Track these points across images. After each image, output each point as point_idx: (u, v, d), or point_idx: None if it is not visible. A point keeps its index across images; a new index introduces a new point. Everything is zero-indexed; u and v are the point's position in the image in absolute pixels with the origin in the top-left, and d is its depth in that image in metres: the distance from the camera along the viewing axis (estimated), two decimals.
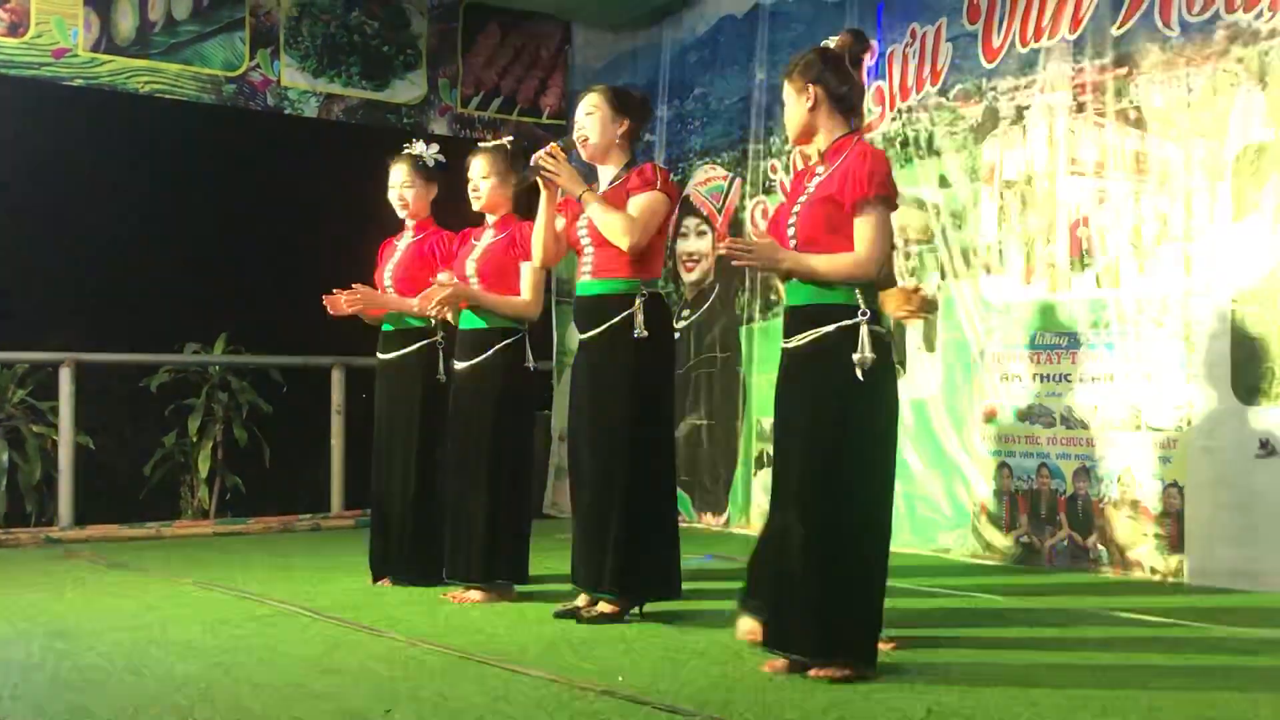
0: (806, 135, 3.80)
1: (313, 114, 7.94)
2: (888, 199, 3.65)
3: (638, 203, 4.45)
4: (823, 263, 3.59)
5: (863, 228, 3.59)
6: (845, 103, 3.76)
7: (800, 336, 3.63)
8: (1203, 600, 4.93)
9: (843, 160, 3.66)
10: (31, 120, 7.35)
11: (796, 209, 3.71)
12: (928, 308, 4.45)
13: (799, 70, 3.77)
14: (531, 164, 4.57)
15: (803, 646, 3.55)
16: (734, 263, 3.73)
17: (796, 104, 3.77)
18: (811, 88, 3.74)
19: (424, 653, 3.95)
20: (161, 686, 3.50)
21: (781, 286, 3.84)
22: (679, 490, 7.49)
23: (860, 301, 3.58)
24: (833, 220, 3.61)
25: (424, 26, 8.31)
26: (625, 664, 3.78)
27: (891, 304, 4.10)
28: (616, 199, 4.48)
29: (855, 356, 3.51)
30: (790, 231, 3.69)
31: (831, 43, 3.81)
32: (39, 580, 5.48)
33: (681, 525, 4.76)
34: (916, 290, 4.34)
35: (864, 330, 3.55)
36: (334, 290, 5.34)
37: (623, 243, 4.41)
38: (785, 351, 3.72)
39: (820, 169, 3.73)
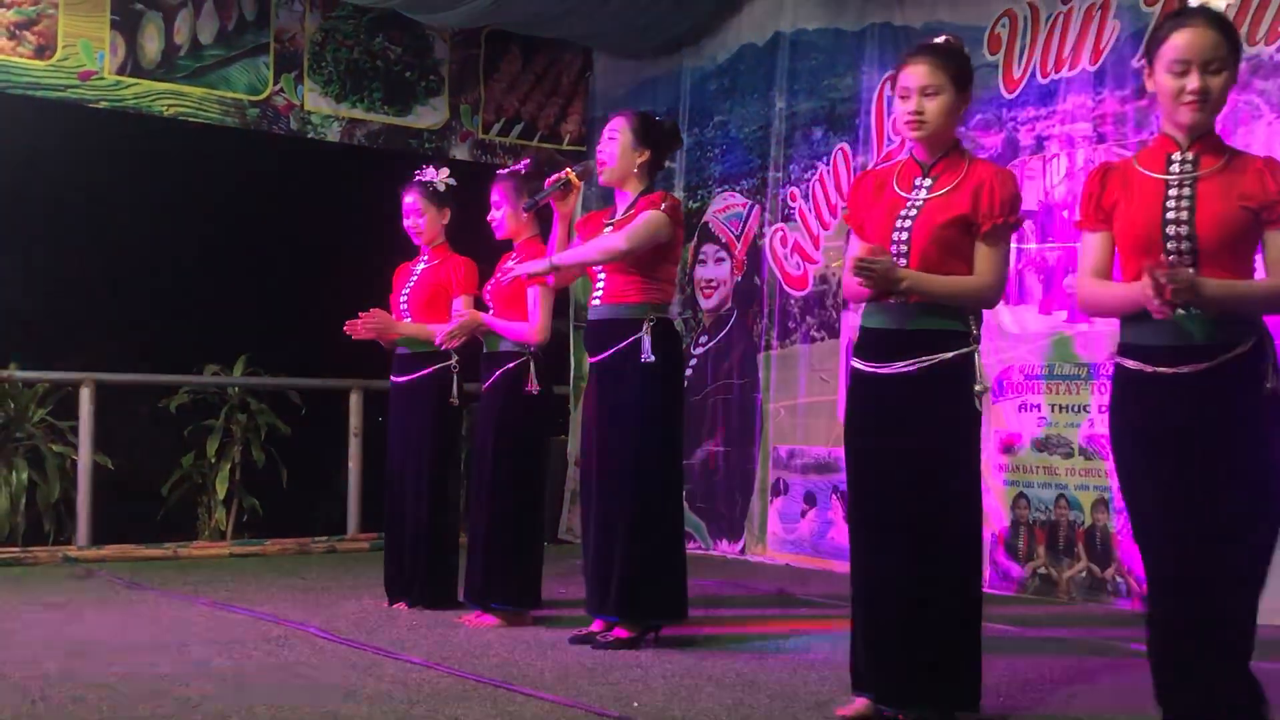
0: (944, 141, 3.47)
1: (335, 139, 7.99)
2: (1018, 225, 3.50)
3: (635, 220, 4.48)
4: (947, 286, 3.36)
5: (993, 254, 3.40)
6: (959, 116, 3.50)
7: (908, 361, 3.34)
8: None
9: (965, 177, 3.41)
10: (57, 142, 7.42)
11: (907, 223, 3.40)
12: None
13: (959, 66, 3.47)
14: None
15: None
16: (858, 279, 3.30)
17: (955, 104, 3.43)
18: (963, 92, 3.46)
19: (439, 676, 3.96)
20: (178, 707, 3.51)
21: (856, 306, 3.64)
22: (694, 517, 7.51)
23: (973, 328, 3.41)
24: (956, 242, 3.39)
25: (446, 52, 8.36)
26: (640, 689, 3.78)
27: None
28: (624, 227, 4.51)
29: (976, 387, 3.35)
30: (903, 249, 3.38)
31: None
32: (57, 599, 5.50)
33: (697, 552, 4.76)
34: None
35: (978, 358, 3.40)
36: (357, 314, 5.37)
37: (614, 256, 4.45)
38: (876, 378, 3.39)
39: (926, 181, 3.45)
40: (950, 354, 3.34)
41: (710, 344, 7.84)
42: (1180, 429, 2.96)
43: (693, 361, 7.81)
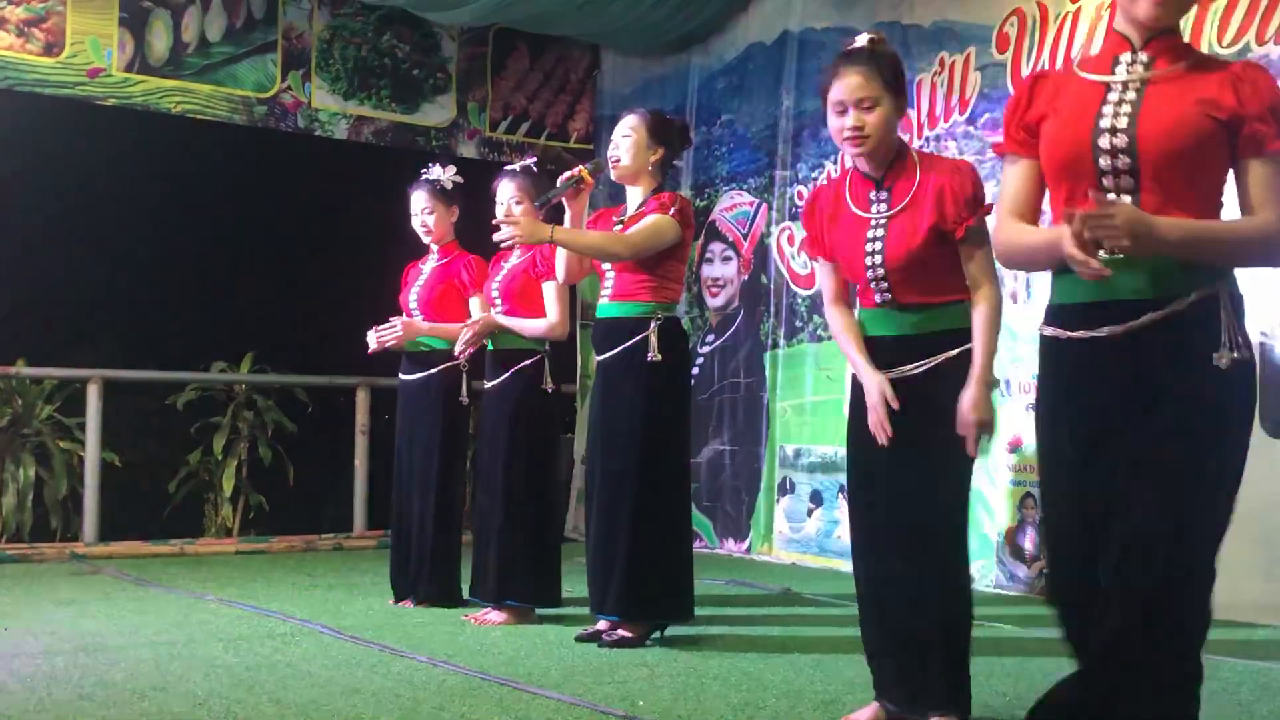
0: (888, 149, 3.28)
1: (343, 136, 7.99)
2: (989, 211, 3.09)
3: (642, 222, 4.47)
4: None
5: (982, 255, 3.19)
6: (899, 120, 3.34)
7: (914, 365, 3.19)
8: (1228, 634, 4.88)
9: (920, 184, 3.23)
10: (64, 139, 7.44)
11: (878, 245, 3.24)
12: None
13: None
14: (500, 223, 4.54)
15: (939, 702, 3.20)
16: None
17: (894, 112, 3.27)
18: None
19: (445, 674, 3.96)
20: (185, 703, 3.52)
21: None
22: (700, 515, 7.51)
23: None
24: (936, 255, 3.20)
25: (454, 50, 8.37)
26: (645, 688, 3.78)
27: None
28: (632, 225, 4.51)
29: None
30: (879, 273, 3.23)
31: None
32: (64, 595, 5.51)
33: (703, 551, 4.76)
34: None
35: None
36: (368, 317, 5.35)
37: (611, 258, 4.44)
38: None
39: (882, 194, 3.27)
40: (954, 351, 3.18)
41: (717, 343, 7.84)
42: (1100, 411, 2.40)
43: (699, 360, 7.80)
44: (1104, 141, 2.35)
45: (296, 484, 8.21)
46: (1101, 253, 2.26)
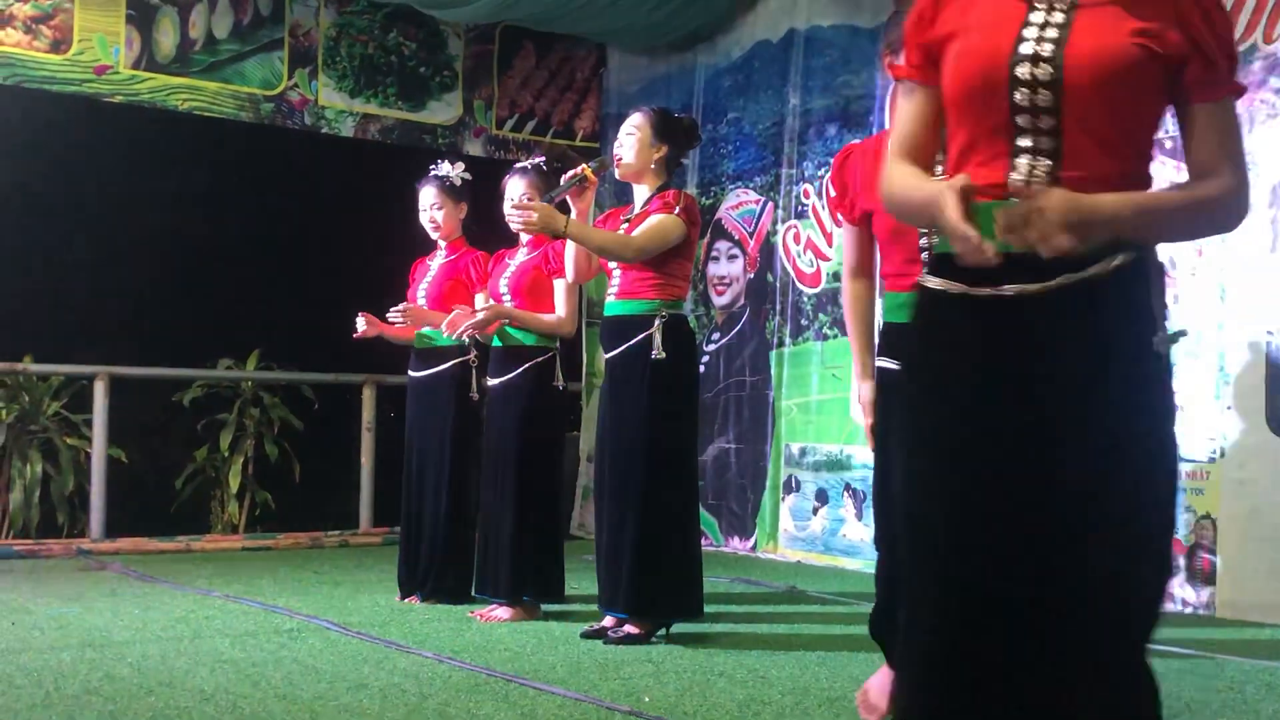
0: None
1: (349, 133, 8.01)
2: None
3: (647, 222, 4.47)
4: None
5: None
6: None
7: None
8: (1234, 633, 4.89)
9: None
10: (71, 136, 7.45)
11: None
12: None
13: None
14: (510, 210, 4.56)
15: None
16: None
17: None
18: None
19: (451, 670, 3.96)
20: (191, 698, 3.53)
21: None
22: (706, 514, 7.51)
23: None
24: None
25: (460, 48, 8.37)
26: (651, 684, 3.78)
27: None
28: (638, 224, 4.51)
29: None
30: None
31: None
32: (71, 591, 5.52)
33: (709, 549, 4.76)
34: None
35: None
36: (373, 308, 5.35)
37: (623, 256, 4.45)
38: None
39: None
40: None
41: (723, 341, 7.84)
42: (1005, 386, 1.87)
43: (705, 359, 7.81)
44: (1023, 71, 1.88)
45: (303, 481, 8.23)
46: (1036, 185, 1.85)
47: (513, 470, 4.97)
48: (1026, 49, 1.89)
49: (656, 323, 4.46)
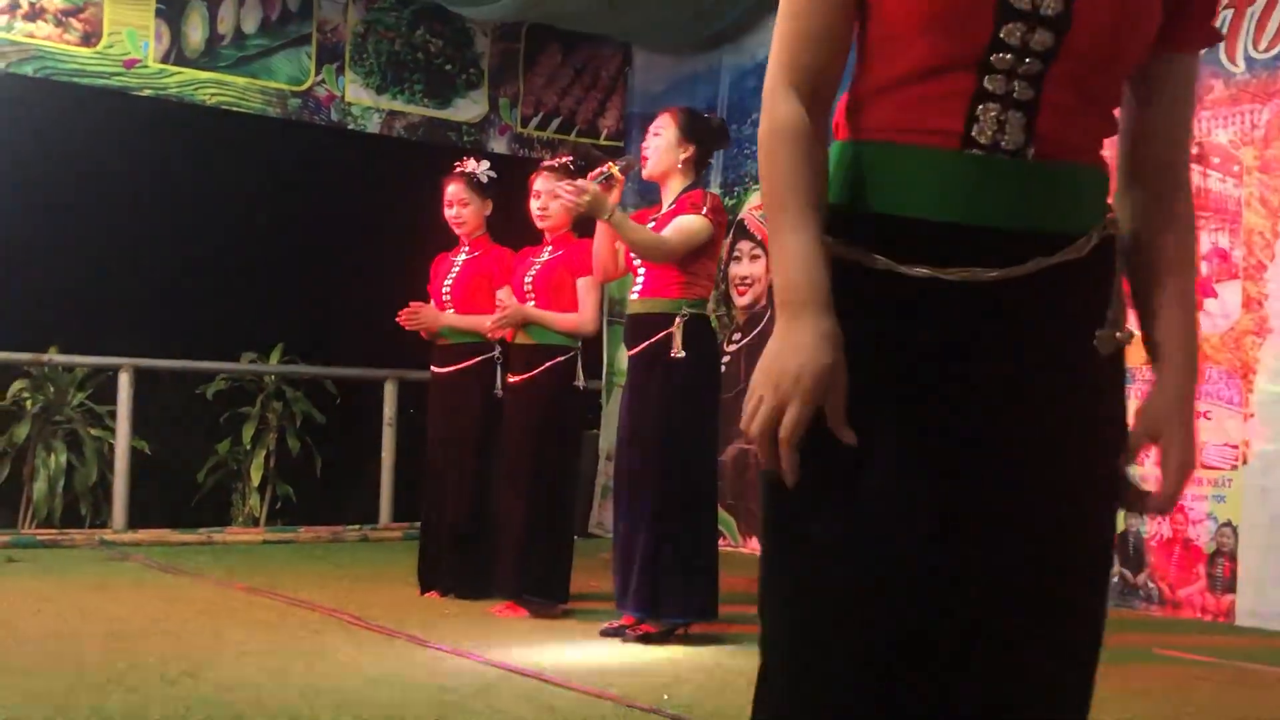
0: None
1: (375, 130, 8.03)
2: None
3: (676, 223, 4.48)
4: None
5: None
6: None
7: None
8: (1254, 641, 4.87)
9: None
10: (100, 129, 7.49)
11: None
12: None
13: None
14: (571, 185, 4.57)
15: None
16: None
17: None
18: None
19: (471, 665, 3.98)
20: (214, 689, 3.55)
21: None
22: (724, 514, 7.50)
23: None
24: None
25: (487, 46, 8.39)
26: (670, 683, 3.79)
27: None
28: (665, 223, 4.52)
29: None
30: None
31: None
32: (94, 581, 5.56)
33: (726, 549, 4.75)
34: None
35: None
36: (396, 305, 5.38)
37: (653, 256, 4.45)
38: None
39: None
40: None
41: (744, 341, 7.84)
42: (976, 389, 1.43)
43: (726, 358, 7.80)
44: (1022, 2, 1.40)
45: (324, 475, 8.27)
46: (1006, 141, 1.42)
47: (526, 468, 4.99)
48: None
49: (677, 321, 4.47)
